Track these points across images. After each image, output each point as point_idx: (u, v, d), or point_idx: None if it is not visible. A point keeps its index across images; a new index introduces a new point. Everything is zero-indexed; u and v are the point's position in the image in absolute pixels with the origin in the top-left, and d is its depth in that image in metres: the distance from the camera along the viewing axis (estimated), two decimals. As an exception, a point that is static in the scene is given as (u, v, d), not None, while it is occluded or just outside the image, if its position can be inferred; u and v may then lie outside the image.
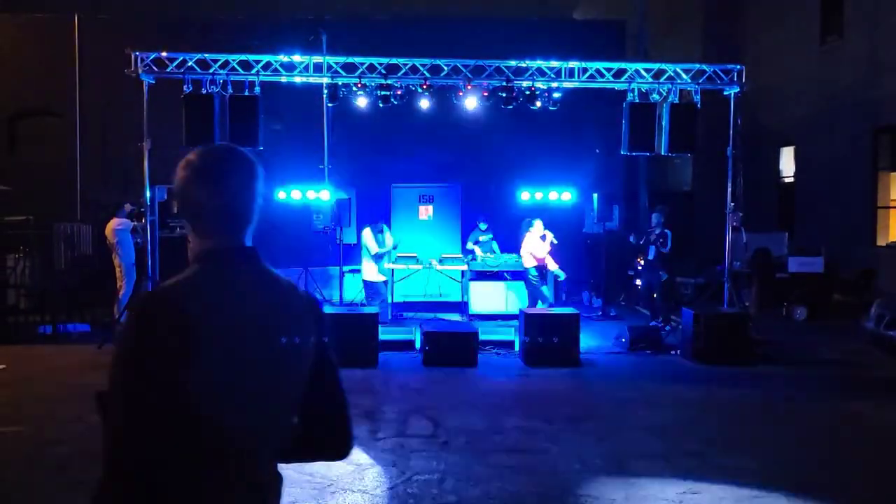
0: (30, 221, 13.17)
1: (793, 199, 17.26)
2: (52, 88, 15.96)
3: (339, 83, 10.88)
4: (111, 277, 12.42)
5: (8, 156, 15.87)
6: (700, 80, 10.93)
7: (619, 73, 11.01)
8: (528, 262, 12.13)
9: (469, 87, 10.84)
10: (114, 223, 12.11)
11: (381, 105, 11.08)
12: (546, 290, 12.37)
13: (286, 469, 1.90)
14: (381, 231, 12.54)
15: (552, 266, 12.31)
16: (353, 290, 14.49)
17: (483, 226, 13.68)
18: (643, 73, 11.00)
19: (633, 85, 10.91)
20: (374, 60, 10.79)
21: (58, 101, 15.98)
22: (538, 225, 12.25)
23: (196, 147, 2.01)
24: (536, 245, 12.08)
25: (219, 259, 1.83)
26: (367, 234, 12.43)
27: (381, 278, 12.44)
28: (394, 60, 10.81)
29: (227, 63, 10.54)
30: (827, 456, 6.42)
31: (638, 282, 13.79)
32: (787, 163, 17.86)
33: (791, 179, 17.64)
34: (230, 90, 10.46)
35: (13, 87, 15.86)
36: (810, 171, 16.64)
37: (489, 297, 13.05)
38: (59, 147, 15.94)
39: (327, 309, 10.14)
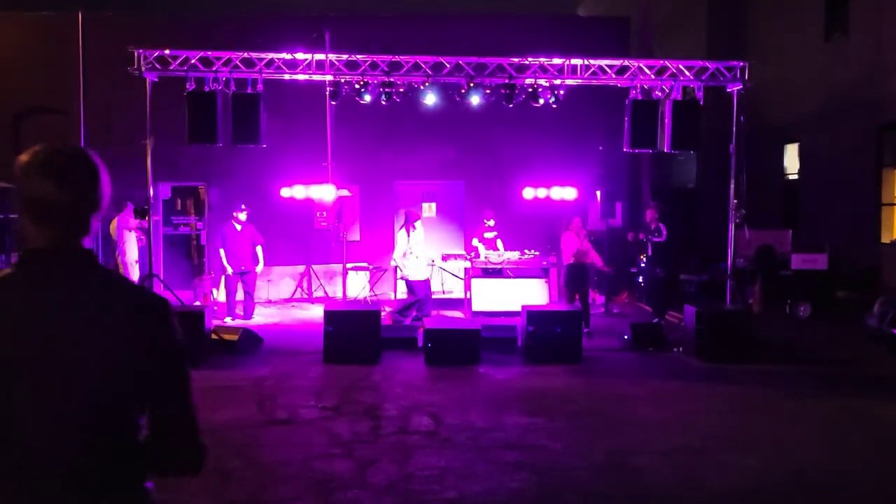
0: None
1: (797, 196, 17.23)
2: (56, 86, 16.01)
3: (342, 80, 10.90)
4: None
5: (13, 153, 15.89)
6: (703, 77, 10.91)
7: (621, 70, 11.00)
8: (566, 261, 11.88)
9: (472, 85, 10.84)
10: (118, 221, 12.21)
11: (383, 102, 11.11)
12: (571, 294, 11.81)
13: (291, 465, 1.91)
14: (415, 228, 11.73)
15: (594, 260, 11.97)
16: (355, 287, 14.53)
17: (490, 222, 13.67)
18: (646, 70, 11.00)
19: (636, 82, 10.91)
20: (377, 58, 10.80)
21: (62, 99, 16.03)
22: (574, 223, 11.88)
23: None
24: (570, 243, 11.84)
25: (33, 260, 1.78)
26: (402, 232, 11.80)
27: (422, 276, 11.89)
28: (396, 58, 10.82)
29: (229, 60, 10.56)
30: (828, 453, 6.41)
31: (640, 278, 13.80)
32: (792, 160, 17.83)
33: (795, 176, 17.61)
34: (233, 88, 10.49)
35: (18, 85, 15.92)
36: (814, 168, 16.61)
37: (492, 295, 13.07)
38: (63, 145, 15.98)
39: (331, 306, 10.16)
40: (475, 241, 13.61)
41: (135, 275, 12.10)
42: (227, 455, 6.11)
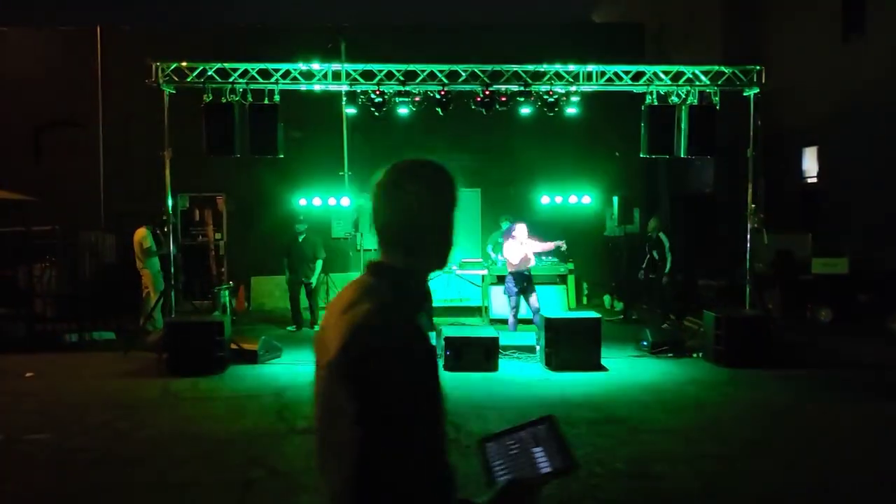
0: (55, 231, 13.36)
1: (816, 199, 17.08)
2: (75, 99, 16.20)
3: (358, 90, 10.96)
4: (135, 285, 12.63)
5: (33, 166, 16.11)
6: (719, 82, 10.87)
7: (637, 76, 10.98)
8: (510, 268, 11.08)
9: (487, 93, 10.85)
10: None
11: (399, 112, 11.16)
12: (515, 301, 11.09)
13: (312, 474, 1.89)
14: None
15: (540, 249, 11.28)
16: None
17: (505, 225, 13.60)
18: (661, 75, 10.97)
19: (652, 87, 10.89)
20: (393, 67, 10.84)
21: (81, 112, 16.21)
22: (519, 230, 10.92)
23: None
24: (514, 251, 10.89)
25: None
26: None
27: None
28: (412, 67, 10.86)
29: (246, 72, 10.64)
30: (851, 459, 6.35)
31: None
32: (810, 163, 17.68)
33: (814, 180, 17.46)
34: (250, 99, 10.56)
35: (38, 99, 16.12)
36: (834, 170, 16.46)
37: (510, 302, 13.03)
38: (82, 157, 16.17)
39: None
40: (490, 246, 13.70)
41: (158, 286, 12.21)
42: (249, 464, 6.14)
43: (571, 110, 11.35)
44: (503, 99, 10.97)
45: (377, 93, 10.78)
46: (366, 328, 1.59)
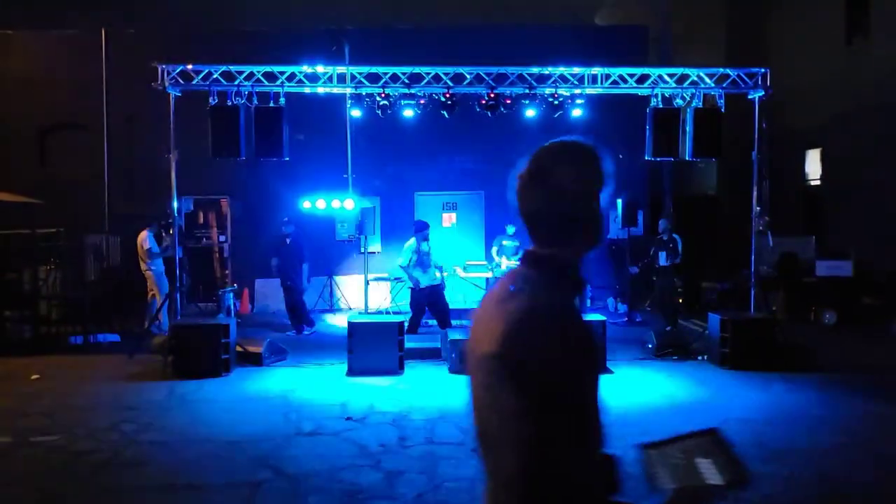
0: (60, 234, 13.38)
1: (820, 202, 17.07)
2: (80, 102, 16.22)
3: (363, 93, 10.98)
4: (140, 287, 12.66)
5: (38, 169, 16.15)
6: (724, 85, 10.88)
7: (642, 79, 10.99)
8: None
9: (492, 95, 10.87)
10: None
11: (404, 114, 11.18)
12: None
13: (319, 476, 1.90)
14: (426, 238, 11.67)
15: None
16: (376, 298, 14.56)
17: (511, 230, 13.62)
18: (666, 78, 10.97)
19: (657, 90, 10.90)
20: (397, 70, 10.86)
21: (86, 115, 16.23)
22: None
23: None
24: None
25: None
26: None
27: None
28: (416, 69, 10.88)
29: (251, 75, 10.66)
30: (857, 461, 6.34)
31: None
32: (814, 165, 17.68)
33: (818, 182, 17.46)
34: (255, 101, 10.58)
35: (43, 102, 16.14)
36: (838, 173, 16.46)
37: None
38: (87, 160, 16.19)
39: (354, 317, 10.20)
40: (494, 252, 13.54)
41: (164, 286, 12.24)
42: (256, 466, 6.15)
43: (576, 112, 11.37)
44: (508, 101, 11.00)
45: (382, 95, 10.80)
46: (524, 320, 1.59)
